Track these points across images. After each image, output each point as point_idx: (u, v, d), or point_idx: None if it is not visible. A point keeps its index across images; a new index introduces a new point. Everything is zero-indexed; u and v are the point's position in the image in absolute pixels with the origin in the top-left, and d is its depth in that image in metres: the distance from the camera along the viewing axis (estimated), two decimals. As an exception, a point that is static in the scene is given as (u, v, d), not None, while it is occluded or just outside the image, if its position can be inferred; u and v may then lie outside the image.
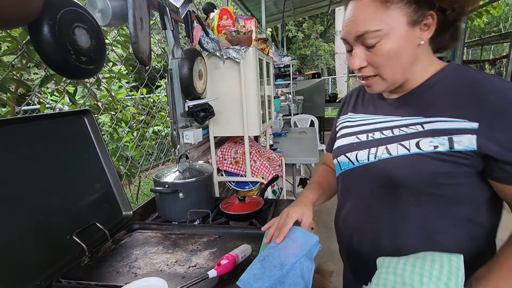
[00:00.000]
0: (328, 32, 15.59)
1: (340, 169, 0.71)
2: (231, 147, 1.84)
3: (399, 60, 0.56)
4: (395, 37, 0.54)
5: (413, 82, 0.61)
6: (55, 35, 0.65)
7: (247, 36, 1.58)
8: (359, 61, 0.58)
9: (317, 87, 5.34)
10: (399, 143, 0.58)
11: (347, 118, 0.76)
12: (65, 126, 0.85)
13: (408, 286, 0.44)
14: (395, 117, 0.62)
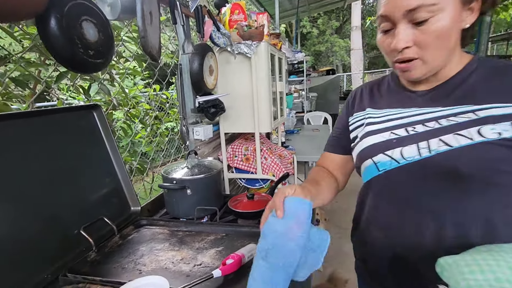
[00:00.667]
0: (344, 28, 15.27)
1: (378, 170, 0.62)
2: (242, 144, 1.82)
3: (448, 41, 0.53)
4: (448, 15, 0.50)
5: (447, 71, 0.58)
6: (62, 28, 0.65)
7: (258, 30, 1.55)
8: (405, 40, 0.53)
9: (331, 84, 5.23)
10: (455, 133, 0.53)
11: (366, 114, 0.69)
12: (75, 121, 0.86)
13: (506, 282, 0.40)
14: (434, 108, 0.58)
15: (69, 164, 0.81)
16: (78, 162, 0.84)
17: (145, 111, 2.18)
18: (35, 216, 0.69)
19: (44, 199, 0.72)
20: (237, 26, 1.59)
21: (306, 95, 4.48)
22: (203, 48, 1.39)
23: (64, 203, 0.77)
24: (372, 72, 12.32)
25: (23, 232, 0.66)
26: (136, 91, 2.14)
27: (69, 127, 0.83)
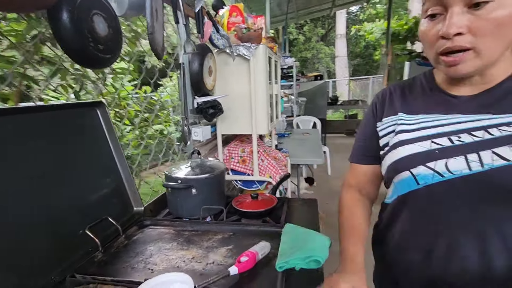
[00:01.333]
0: (329, 36, 15.66)
1: (417, 184, 0.56)
2: (238, 146, 1.82)
3: (507, 32, 0.46)
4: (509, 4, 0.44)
5: (497, 73, 0.52)
6: (74, 21, 0.63)
7: (257, 33, 1.57)
8: (458, 24, 0.46)
9: (319, 89, 5.34)
10: (510, 145, 0.48)
11: (399, 120, 0.62)
12: (77, 118, 0.83)
13: None
14: (483, 115, 0.52)
15: (72, 162, 0.78)
16: (81, 161, 0.81)
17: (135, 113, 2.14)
18: (39, 216, 0.66)
19: (47, 199, 0.69)
20: (235, 28, 1.61)
21: (296, 100, 4.53)
22: (203, 48, 1.39)
23: (67, 202, 0.74)
24: (355, 79, 12.66)
25: (27, 233, 0.63)
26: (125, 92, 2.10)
27: (72, 124, 0.81)
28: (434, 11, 0.50)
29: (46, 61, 1.29)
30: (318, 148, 2.79)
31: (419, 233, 0.59)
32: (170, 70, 1.61)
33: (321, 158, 2.41)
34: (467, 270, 0.54)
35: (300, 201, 1.13)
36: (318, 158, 2.42)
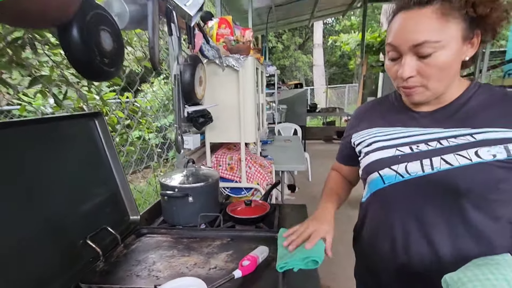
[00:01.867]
0: (306, 45, 16.15)
1: (383, 183, 0.68)
2: (226, 153, 1.86)
3: (449, 72, 0.59)
4: (450, 50, 0.56)
5: (449, 95, 0.64)
6: (83, 37, 0.65)
7: (246, 45, 1.63)
8: (409, 70, 0.59)
9: (299, 97, 5.50)
10: (455, 153, 0.59)
11: (372, 132, 0.75)
12: (76, 128, 0.84)
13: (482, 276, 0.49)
14: (436, 129, 0.63)
15: (70, 172, 0.79)
16: (79, 171, 0.82)
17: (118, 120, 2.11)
18: (40, 226, 0.66)
19: (47, 210, 0.69)
20: (225, 40, 1.66)
21: (277, 107, 4.65)
22: (195, 59, 1.43)
23: (67, 213, 0.74)
24: (332, 87, 13.13)
25: (28, 244, 0.63)
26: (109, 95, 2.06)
27: (71, 135, 0.81)
28: (392, 56, 0.62)
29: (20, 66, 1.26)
30: (300, 154, 2.88)
31: (385, 225, 0.71)
32: (152, 76, 1.62)
33: (304, 164, 2.50)
34: (422, 257, 0.64)
35: (290, 207, 1.19)
36: (301, 165, 2.51)
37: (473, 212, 0.60)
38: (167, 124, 4.36)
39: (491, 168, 0.57)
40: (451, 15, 0.55)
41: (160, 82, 4.26)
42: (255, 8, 5.21)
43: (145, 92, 4.49)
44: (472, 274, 0.52)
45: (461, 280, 0.52)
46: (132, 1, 0.91)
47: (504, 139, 0.57)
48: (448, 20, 0.55)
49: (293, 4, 5.77)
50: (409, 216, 0.66)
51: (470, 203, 0.60)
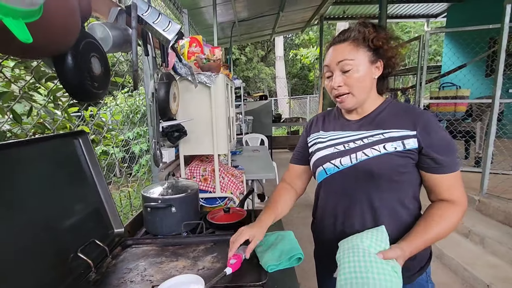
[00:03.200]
0: (269, 57, 16.72)
1: (326, 174, 0.89)
2: (199, 165, 1.93)
3: (365, 84, 0.83)
4: (362, 68, 0.82)
5: (369, 108, 0.88)
6: (77, 64, 0.72)
7: (217, 63, 1.74)
8: (338, 80, 0.83)
9: (264, 108, 5.72)
10: (371, 148, 0.81)
11: (319, 135, 0.96)
12: (61, 147, 0.88)
13: (353, 246, 0.71)
14: (360, 131, 0.86)
15: (56, 190, 0.82)
16: (64, 188, 0.85)
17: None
18: (32, 242, 0.70)
19: (38, 226, 0.73)
20: (196, 58, 1.76)
21: (243, 118, 4.79)
22: (168, 77, 1.50)
23: (57, 229, 0.78)
24: (295, 98, 13.71)
25: (22, 259, 0.66)
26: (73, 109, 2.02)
27: (57, 154, 0.85)
28: (328, 74, 0.87)
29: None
30: (268, 163, 3.03)
31: (329, 205, 0.92)
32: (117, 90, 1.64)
33: (273, 173, 2.64)
34: (354, 226, 0.85)
35: (264, 212, 1.31)
36: (270, 173, 2.65)
37: (384, 191, 0.82)
38: (131, 138, 4.26)
39: (393, 157, 0.79)
40: (360, 46, 0.82)
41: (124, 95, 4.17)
42: (219, 23, 5.38)
43: (108, 105, 4.36)
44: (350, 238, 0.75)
45: (338, 254, 0.74)
46: (113, 27, 0.97)
47: (401, 136, 0.80)
48: (359, 49, 0.81)
49: (255, 20, 6.05)
50: (344, 197, 0.87)
51: (382, 184, 0.81)
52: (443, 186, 0.80)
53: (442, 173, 0.79)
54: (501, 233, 2.31)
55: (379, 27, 0.85)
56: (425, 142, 0.78)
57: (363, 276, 0.63)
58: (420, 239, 0.74)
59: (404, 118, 0.82)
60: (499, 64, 2.55)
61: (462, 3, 7.23)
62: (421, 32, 11.96)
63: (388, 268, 0.65)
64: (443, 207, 0.79)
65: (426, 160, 0.79)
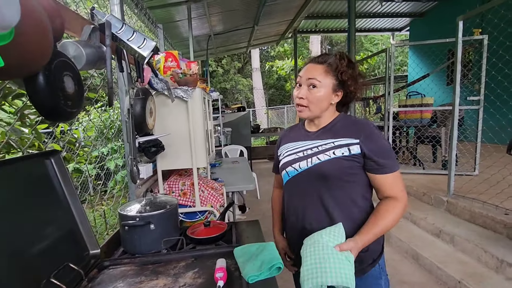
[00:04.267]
0: (245, 69, 16.96)
1: (288, 176, 1.03)
2: (178, 180, 1.91)
3: (322, 104, 0.97)
4: (324, 90, 0.96)
5: (324, 121, 1.02)
6: (49, 83, 0.71)
7: (193, 78, 1.76)
8: (303, 92, 0.98)
9: (243, 119, 5.76)
10: (324, 153, 0.95)
11: (287, 146, 1.09)
12: (32, 168, 0.85)
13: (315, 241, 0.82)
14: (317, 141, 1.00)
15: (28, 212, 0.79)
16: (36, 210, 0.82)
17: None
18: (1, 268, 0.67)
19: (7, 252, 0.70)
20: (172, 73, 1.77)
21: (222, 130, 4.80)
22: (144, 92, 1.50)
23: (28, 253, 0.75)
24: (272, 108, 13.93)
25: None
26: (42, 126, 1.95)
27: (26, 176, 0.82)
28: (299, 83, 1.00)
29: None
30: (248, 174, 3.05)
31: (292, 205, 1.05)
32: (90, 105, 1.60)
33: (252, 184, 2.66)
34: (311, 222, 0.97)
35: (245, 223, 1.32)
36: (250, 184, 2.66)
37: (336, 190, 0.95)
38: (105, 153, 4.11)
39: (341, 160, 0.93)
40: (330, 73, 0.96)
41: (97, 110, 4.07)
42: (195, 36, 5.42)
43: (80, 121, 4.20)
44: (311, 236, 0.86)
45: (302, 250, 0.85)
46: (87, 45, 0.97)
47: (347, 144, 0.94)
48: (328, 75, 0.96)
49: (231, 33, 6.17)
50: (302, 196, 1.00)
51: (333, 183, 0.95)
52: (386, 185, 0.94)
53: (384, 173, 0.92)
54: (468, 231, 2.46)
55: (351, 64, 0.97)
56: (367, 148, 0.92)
57: (322, 266, 0.75)
58: (370, 232, 0.87)
59: (352, 129, 0.96)
60: (456, 74, 2.77)
61: (422, 18, 7.81)
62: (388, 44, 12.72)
63: (342, 258, 0.77)
64: (387, 203, 0.92)
65: (370, 162, 0.93)
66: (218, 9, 4.73)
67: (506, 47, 2.69)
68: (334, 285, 0.72)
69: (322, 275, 0.73)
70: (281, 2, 5.16)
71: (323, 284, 0.72)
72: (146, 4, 3.33)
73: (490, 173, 3.00)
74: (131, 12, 2.98)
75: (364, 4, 6.88)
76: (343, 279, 0.73)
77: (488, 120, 3.08)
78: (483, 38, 3.21)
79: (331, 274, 0.73)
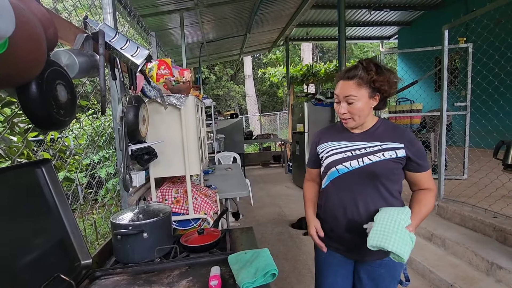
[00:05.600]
0: (238, 76, 17.05)
1: (338, 173, 1.12)
2: (171, 187, 1.89)
3: (364, 113, 1.08)
4: (362, 101, 1.06)
5: (367, 125, 1.14)
6: (42, 93, 0.71)
7: (186, 85, 1.77)
8: (343, 110, 1.08)
9: (235, 126, 5.77)
10: (373, 154, 1.07)
11: (330, 144, 1.18)
12: (23, 177, 0.84)
13: (388, 215, 0.97)
14: (363, 142, 1.11)
15: (18, 222, 0.78)
16: (26, 221, 0.81)
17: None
18: (-10, 282, 0.65)
19: (-4, 263, 0.68)
20: (165, 80, 1.77)
21: (215, 137, 4.79)
22: (137, 99, 1.50)
23: (18, 264, 0.73)
24: (265, 115, 13.99)
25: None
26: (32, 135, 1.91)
27: (16, 185, 0.81)
28: (337, 101, 1.12)
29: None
30: (242, 181, 3.04)
31: (340, 198, 1.14)
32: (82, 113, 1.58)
33: (246, 190, 2.66)
34: (362, 215, 1.09)
35: (239, 230, 1.32)
36: (244, 191, 2.66)
37: (382, 186, 1.09)
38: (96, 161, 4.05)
39: (389, 162, 1.06)
40: (362, 85, 1.05)
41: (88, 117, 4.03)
42: (188, 43, 5.45)
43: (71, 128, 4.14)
44: (386, 210, 1.01)
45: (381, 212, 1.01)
46: (80, 53, 0.97)
47: (394, 148, 1.07)
48: (361, 87, 1.05)
49: (224, 41, 6.22)
50: (353, 191, 1.11)
51: (381, 181, 1.08)
52: (423, 180, 1.11)
53: (423, 171, 1.09)
54: (459, 234, 2.50)
55: (379, 70, 1.05)
56: (410, 152, 1.07)
57: (389, 235, 0.92)
58: (419, 217, 1.04)
59: (394, 134, 1.10)
60: (443, 81, 2.85)
61: (409, 27, 8.04)
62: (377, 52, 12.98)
63: (408, 236, 0.94)
64: (426, 194, 1.10)
65: (412, 164, 1.08)
66: (210, 17, 4.78)
67: (490, 55, 2.78)
68: (392, 251, 0.90)
69: (387, 240, 0.91)
70: (273, 10, 5.24)
71: (384, 247, 0.90)
72: (139, 12, 3.35)
73: (478, 177, 3.08)
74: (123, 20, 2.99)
75: (353, 13, 7.04)
76: (401, 251, 0.90)
77: (475, 125, 3.16)
78: (468, 46, 3.32)
79: (395, 244, 0.90)
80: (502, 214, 2.40)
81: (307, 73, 8.66)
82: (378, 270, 1.13)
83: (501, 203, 2.54)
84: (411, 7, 6.92)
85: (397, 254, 0.90)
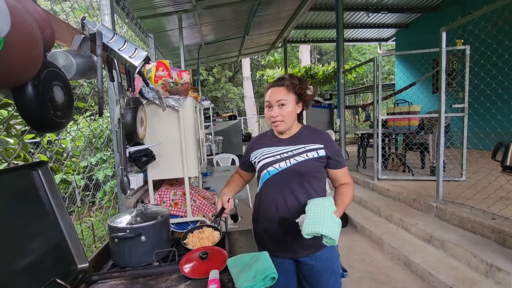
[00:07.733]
0: (236, 78, 17.06)
1: (269, 174, 1.24)
2: (169, 189, 1.88)
3: (292, 115, 1.23)
4: (291, 105, 1.22)
5: (293, 131, 1.28)
6: (38, 94, 0.70)
7: (184, 87, 1.76)
8: (276, 112, 1.21)
9: (234, 128, 5.76)
10: (299, 155, 1.21)
11: (262, 150, 1.30)
12: (18, 180, 0.82)
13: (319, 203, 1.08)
14: (290, 146, 1.25)
15: (14, 225, 0.77)
16: (23, 223, 0.79)
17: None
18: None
19: (-9, 268, 0.67)
20: (163, 82, 1.76)
21: (213, 139, 4.78)
22: (135, 101, 1.48)
23: (13, 269, 0.72)
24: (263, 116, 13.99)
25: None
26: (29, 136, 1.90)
27: (12, 188, 0.80)
28: (268, 105, 1.25)
29: None
30: (241, 183, 3.03)
31: (271, 197, 1.25)
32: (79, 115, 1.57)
33: (245, 192, 2.65)
34: (291, 212, 1.20)
35: (238, 233, 1.30)
36: (242, 193, 2.65)
37: (307, 184, 1.23)
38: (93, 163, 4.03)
39: (312, 161, 1.21)
40: (290, 91, 1.22)
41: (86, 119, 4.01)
42: (186, 45, 5.45)
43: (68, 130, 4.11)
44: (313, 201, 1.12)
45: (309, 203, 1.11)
46: (77, 54, 0.96)
47: (315, 148, 1.22)
48: (290, 93, 1.22)
49: (222, 43, 6.22)
50: (283, 190, 1.23)
51: (306, 179, 1.22)
52: (341, 175, 1.27)
53: (341, 168, 1.26)
54: (458, 236, 2.50)
55: (301, 81, 1.25)
56: (329, 151, 1.23)
57: (322, 221, 1.01)
58: (342, 207, 1.16)
59: (315, 137, 1.26)
60: (441, 83, 2.86)
61: (407, 29, 8.08)
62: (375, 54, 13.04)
63: (336, 221, 1.05)
64: (346, 187, 1.25)
65: (332, 161, 1.24)
66: (209, 19, 4.78)
67: (487, 57, 2.80)
68: (326, 235, 1.00)
69: (320, 226, 1.00)
70: (271, 12, 5.25)
71: (319, 232, 1.00)
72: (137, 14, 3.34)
73: (477, 178, 3.08)
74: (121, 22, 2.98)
75: (351, 15, 7.07)
76: (333, 234, 1.01)
77: (473, 126, 3.17)
78: (465, 48, 3.34)
79: (327, 228, 1.00)
80: (500, 215, 2.40)
81: (305, 75, 8.68)
82: (316, 265, 1.24)
83: (500, 205, 2.54)
84: (409, 9, 6.97)
85: (330, 236, 1.00)
